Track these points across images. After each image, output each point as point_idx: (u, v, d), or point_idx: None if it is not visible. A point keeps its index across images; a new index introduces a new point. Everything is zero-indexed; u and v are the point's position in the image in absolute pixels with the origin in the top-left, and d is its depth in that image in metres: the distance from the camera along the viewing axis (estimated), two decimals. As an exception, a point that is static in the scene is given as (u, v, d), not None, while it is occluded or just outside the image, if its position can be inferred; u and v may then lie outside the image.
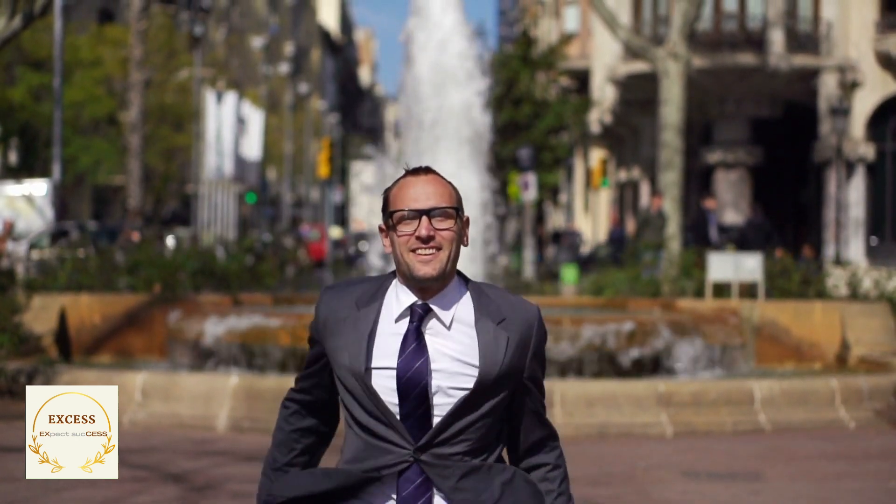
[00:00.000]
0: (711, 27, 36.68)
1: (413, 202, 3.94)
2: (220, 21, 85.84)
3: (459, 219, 3.98)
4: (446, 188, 3.98)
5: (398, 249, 3.95)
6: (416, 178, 3.98)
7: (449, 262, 3.95)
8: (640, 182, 46.00)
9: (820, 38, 36.58)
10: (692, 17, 27.01)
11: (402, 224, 3.94)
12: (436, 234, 3.92)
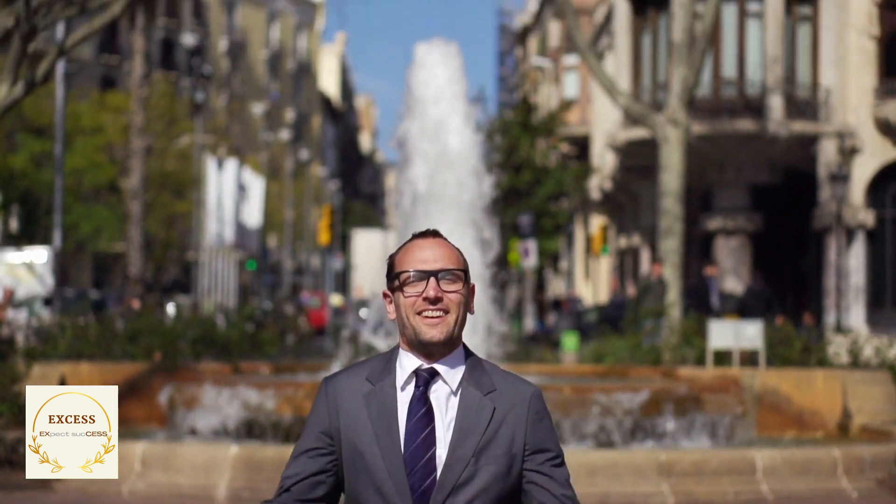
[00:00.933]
0: (711, 93, 36.81)
1: (420, 264, 3.86)
2: (222, 88, 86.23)
3: (466, 284, 3.90)
4: (453, 252, 3.91)
5: (404, 313, 3.86)
6: (423, 240, 3.91)
7: (456, 327, 3.87)
8: (641, 249, 46.02)
9: (819, 104, 36.70)
10: (691, 83, 27.11)
11: (408, 286, 3.86)
12: (443, 295, 3.84)
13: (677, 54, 27.86)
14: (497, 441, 3.83)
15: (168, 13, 78.09)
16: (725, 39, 37.02)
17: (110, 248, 58.32)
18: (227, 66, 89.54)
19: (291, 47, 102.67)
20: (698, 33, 27.65)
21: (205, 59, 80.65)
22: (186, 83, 75.16)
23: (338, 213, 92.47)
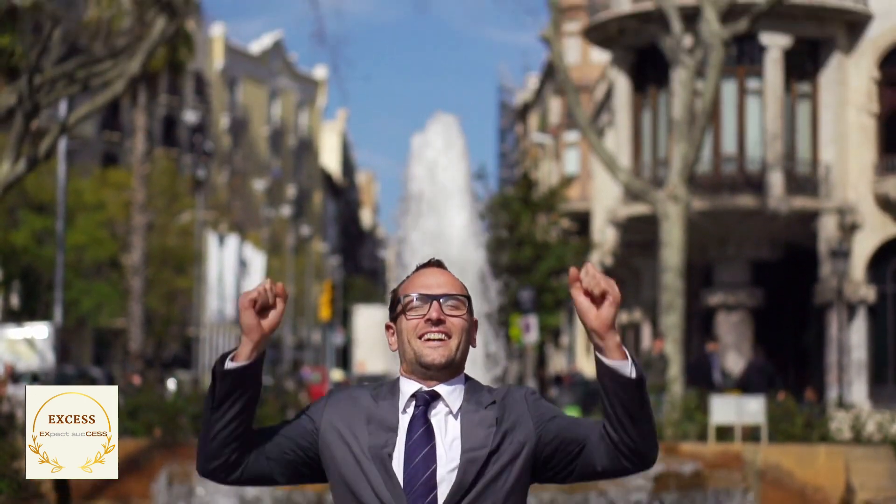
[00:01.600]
0: (711, 170, 36.92)
1: (424, 289, 3.86)
2: (223, 164, 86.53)
3: (470, 313, 3.89)
4: (457, 281, 3.92)
5: (406, 337, 3.84)
6: (427, 269, 3.93)
7: (458, 352, 3.84)
8: (642, 324, 45.98)
9: (819, 180, 36.80)
10: (692, 159, 27.21)
11: (411, 310, 3.84)
12: (446, 319, 3.82)
13: (677, 131, 27.98)
14: (505, 448, 3.80)
15: (170, 90, 78.50)
16: (725, 116, 37.18)
17: (111, 323, 58.26)
18: (228, 142, 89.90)
19: (293, 124, 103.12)
20: (698, 110, 27.78)
21: (206, 136, 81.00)
22: (188, 160, 75.43)
23: (339, 288, 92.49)
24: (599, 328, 3.87)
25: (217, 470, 3.86)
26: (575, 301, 3.93)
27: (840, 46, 36.80)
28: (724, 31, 27.57)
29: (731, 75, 36.37)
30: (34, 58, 25.17)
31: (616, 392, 3.78)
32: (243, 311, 3.83)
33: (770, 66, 36.34)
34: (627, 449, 3.78)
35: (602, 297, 3.93)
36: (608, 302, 3.93)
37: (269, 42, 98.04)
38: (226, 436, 3.82)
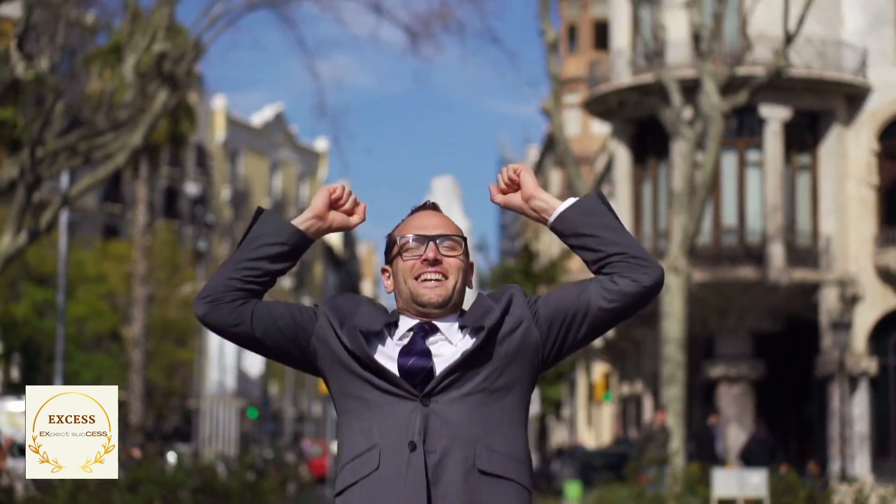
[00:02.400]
0: (711, 241, 36.95)
1: (420, 230, 3.84)
2: (224, 236, 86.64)
3: (465, 254, 3.86)
4: (452, 223, 3.89)
5: (402, 278, 3.83)
6: (422, 211, 3.91)
7: (454, 293, 3.83)
8: (643, 396, 45.83)
9: (819, 252, 36.82)
10: (692, 231, 27.24)
11: (407, 251, 3.83)
12: (443, 259, 3.80)
13: (678, 203, 28.04)
14: (507, 322, 3.78)
15: (172, 163, 78.71)
16: (725, 188, 37.26)
17: (111, 396, 58.10)
18: (229, 214, 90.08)
19: (294, 196, 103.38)
20: (698, 182, 27.85)
21: (208, 208, 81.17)
22: (189, 231, 75.55)
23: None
24: (529, 194, 3.89)
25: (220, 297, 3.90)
26: (505, 205, 3.97)
27: (839, 119, 36.95)
28: (724, 104, 27.69)
29: (730, 147, 36.48)
30: (36, 130, 25.28)
31: (582, 226, 3.82)
32: (319, 192, 3.91)
33: (770, 138, 36.47)
34: (627, 261, 3.79)
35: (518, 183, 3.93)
36: (524, 173, 3.92)
37: (270, 114, 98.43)
38: (247, 277, 3.86)
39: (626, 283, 3.78)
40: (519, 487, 3.74)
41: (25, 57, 24.57)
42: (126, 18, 31.11)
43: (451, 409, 3.70)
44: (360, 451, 3.74)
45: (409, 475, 3.66)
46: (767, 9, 32.64)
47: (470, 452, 3.69)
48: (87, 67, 43.36)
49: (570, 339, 3.84)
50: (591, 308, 3.80)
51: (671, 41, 34.48)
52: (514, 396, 3.82)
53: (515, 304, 3.81)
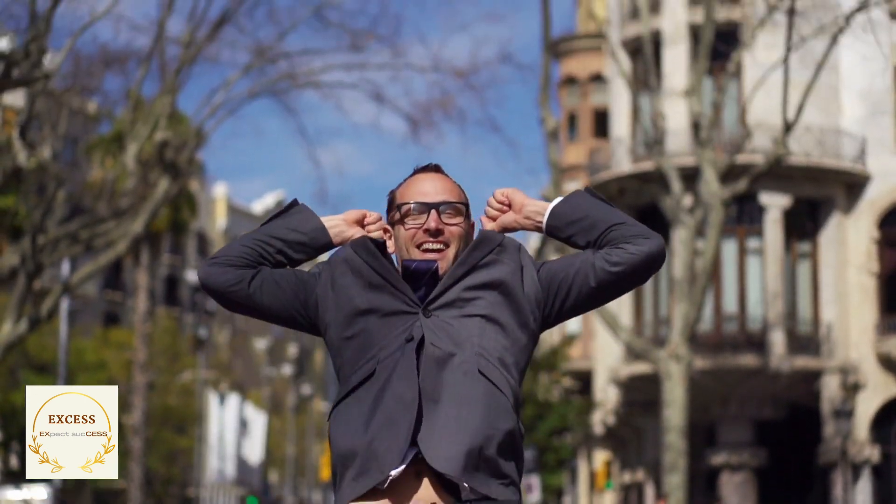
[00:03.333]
0: (712, 329, 36.90)
1: (421, 196, 3.83)
2: (224, 323, 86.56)
3: (468, 218, 3.88)
4: (455, 186, 3.89)
5: (403, 244, 3.84)
6: (425, 174, 3.89)
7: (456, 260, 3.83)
8: (645, 484, 45.56)
9: (821, 339, 36.77)
10: (693, 318, 27.23)
11: (409, 218, 3.83)
12: (444, 228, 3.80)
13: (678, 290, 28.05)
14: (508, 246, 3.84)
15: (172, 250, 78.86)
16: (726, 275, 37.27)
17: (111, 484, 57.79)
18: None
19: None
20: (699, 269, 27.87)
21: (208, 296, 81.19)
22: (190, 319, 75.53)
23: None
24: (521, 204, 3.94)
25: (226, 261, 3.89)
26: (500, 228, 3.98)
27: (839, 206, 37.04)
28: (724, 192, 27.78)
29: (731, 235, 36.54)
30: (38, 218, 25.35)
31: (575, 212, 3.87)
32: (357, 211, 3.99)
33: (770, 225, 36.54)
34: (625, 232, 3.82)
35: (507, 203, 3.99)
36: (513, 194, 3.98)
37: (271, 201, 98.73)
38: (260, 248, 3.90)
39: (629, 247, 3.80)
40: (511, 410, 3.74)
41: (28, 145, 24.69)
42: (128, 107, 31.32)
43: (453, 321, 3.73)
44: (358, 365, 3.78)
45: (405, 363, 3.68)
46: (766, 97, 32.82)
47: (471, 355, 3.71)
48: (89, 156, 43.55)
49: (571, 298, 3.86)
50: (595, 269, 3.82)
51: (671, 129, 34.66)
52: (511, 338, 3.82)
53: (518, 252, 3.87)
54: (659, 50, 37.08)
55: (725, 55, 31.15)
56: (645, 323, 38.43)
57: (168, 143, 28.89)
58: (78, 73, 31.27)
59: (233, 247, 3.90)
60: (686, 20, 36.93)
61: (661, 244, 3.83)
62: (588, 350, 56.21)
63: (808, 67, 29.52)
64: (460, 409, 3.64)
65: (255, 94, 32.95)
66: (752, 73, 34.83)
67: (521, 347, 3.84)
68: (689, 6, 36.80)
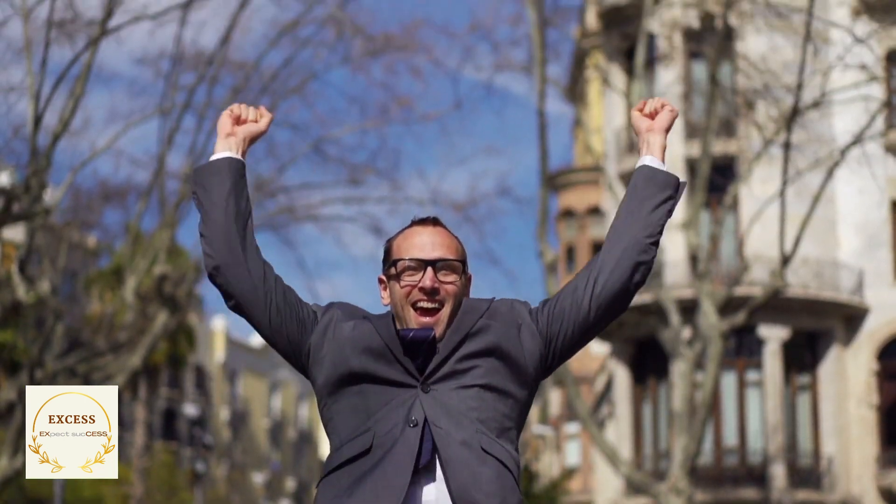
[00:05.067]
0: (712, 462, 36.69)
1: (418, 251, 3.77)
2: (222, 457, 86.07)
3: (464, 274, 3.81)
4: (452, 241, 3.83)
5: (398, 301, 3.77)
6: (422, 227, 3.84)
7: (449, 325, 3.78)
8: None
9: (822, 473, 36.55)
10: (693, 452, 27.08)
11: (405, 274, 3.77)
12: (440, 286, 3.74)
13: (678, 423, 27.93)
14: (499, 310, 3.79)
15: (170, 384, 78.61)
16: (726, 408, 37.15)
17: None
18: (228, 435, 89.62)
19: (293, 416, 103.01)
20: (698, 402, 27.79)
21: (206, 429, 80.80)
22: (188, 453, 75.09)
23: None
24: (649, 127, 3.96)
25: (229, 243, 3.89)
26: (634, 122, 4.04)
27: (838, 339, 37.04)
28: (723, 324, 27.78)
29: (730, 367, 36.47)
30: (36, 352, 25.33)
31: (647, 185, 3.87)
32: (221, 117, 3.99)
33: (769, 358, 36.50)
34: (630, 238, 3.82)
35: None
36: (669, 111, 4.03)
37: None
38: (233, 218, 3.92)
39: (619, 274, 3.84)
40: (516, 485, 3.72)
41: (27, 280, 24.74)
42: (127, 241, 31.46)
43: (451, 396, 3.69)
44: (353, 436, 3.73)
45: (402, 448, 3.64)
46: (763, 230, 32.97)
47: (472, 433, 3.68)
48: (88, 289, 43.64)
49: (572, 331, 3.87)
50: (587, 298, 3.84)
51: (669, 262, 34.78)
52: (510, 401, 3.79)
53: (512, 308, 3.84)
54: (656, 183, 37.29)
55: (722, 188, 31.40)
56: (645, 456, 38.21)
57: (167, 276, 28.95)
58: (78, 208, 31.48)
59: (218, 229, 3.92)
60: (683, 153, 37.21)
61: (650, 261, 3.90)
62: (588, 483, 55.81)
63: (804, 200, 29.70)
64: (475, 494, 3.64)
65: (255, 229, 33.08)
66: (748, 206, 35.03)
67: (521, 405, 3.84)
68: (686, 140, 37.11)
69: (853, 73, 28.93)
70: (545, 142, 30.88)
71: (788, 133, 27.26)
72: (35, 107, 23.49)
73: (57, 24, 24.37)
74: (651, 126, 3.96)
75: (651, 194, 3.86)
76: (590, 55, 42.09)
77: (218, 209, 3.89)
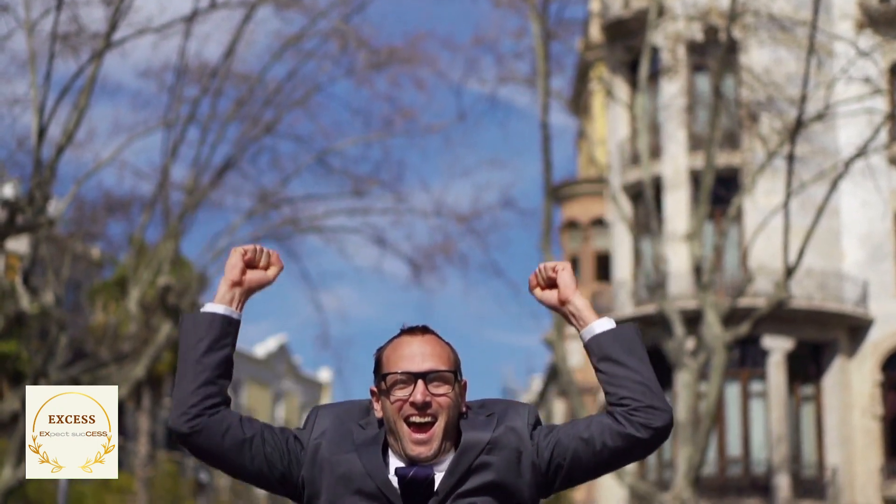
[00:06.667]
0: (716, 472, 36.67)
1: (408, 363, 3.63)
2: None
3: (458, 383, 3.67)
4: (444, 349, 3.70)
5: (390, 416, 3.63)
6: (411, 337, 3.69)
7: (444, 439, 3.63)
8: None
9: (826, 483, 36.52)
10: (697, 462, 27.08)
11: (395, 388, 3.62)
12: (432, 400, 3.60)
13: (682, 433, 27.93)
14: (502, 440, 3.65)
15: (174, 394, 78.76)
16: (729, 418, 37.12)
17: None
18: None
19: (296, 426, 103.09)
20: (702, 412, 27.79)
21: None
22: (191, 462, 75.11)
23: None
24: (565, 297, 3.80)
25: (194, 408, 3.71)
26: (540, 300, 3.86)
27: (842, 350, 37.02)
28: (726, 335, 27.79)
29: (734, 378, 36.46)
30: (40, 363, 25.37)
31: (616, 353, 3.73)
32: (232, 254, 3.79)
33: (773, 368, 36.48)
34: (642, 407, 3.67)
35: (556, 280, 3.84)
36: (562, 271, 3.84)
37: (274, 345, 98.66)
38: (208, 379, 3.74)
39: (635, 427, 3.67)
40: None
41: (31, 291, 24.78)
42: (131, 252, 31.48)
43: None
44: None
45: None
46: (767, 241, 32.98)
47: None
48: (92, 300, 43.66)
49: (573, 475, 3.73)
50: (594, 446, 3.69)
51: (672, 273, 34.78)
52: None
53: (515, 431, 3.71)
54: (660, 195, 37.34)
55: (726, 200, 31.42)
56: (648, 466, 38.19)
57: (171, 287, 28.97)
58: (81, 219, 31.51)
59: (186, 395, 3.75)
60: (686, 166, 37.24)
61: (671, 419, 3.73)
62: (592, 494, 55.78)
63: (808, 212, 29.73)
64: None
65: (258, 239, 33.10)
66: (752, 218, 35.05)
67: None
68: (690, 152, 37.13)
69: (857, 86, 28.96)
70: (549, 154, 30.90)
71: (792, 145, 27.29)
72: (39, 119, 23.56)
73: (61, 38, 24.44)
74: (564, 296, 3.84)
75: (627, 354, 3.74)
76: (593, 68, 42.13)
77: (188, 378, 3.77)
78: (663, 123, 37.85)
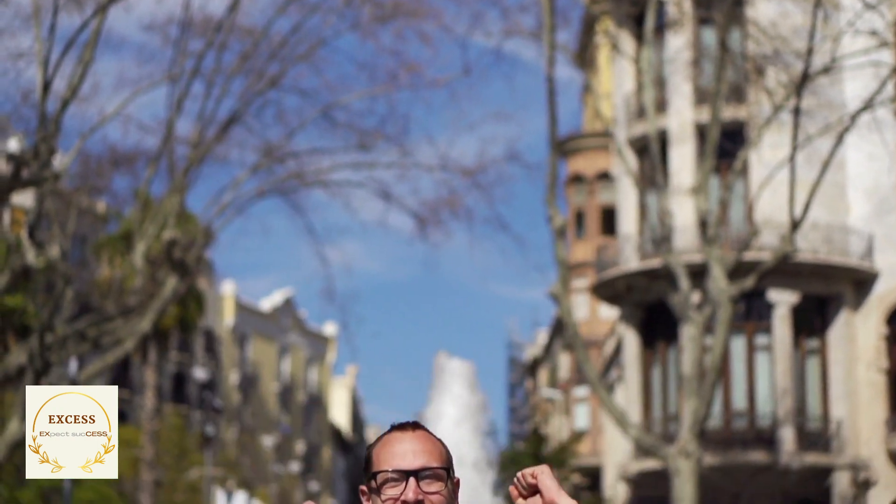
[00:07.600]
0: (721, 425, 36.77)
1: (399, 461, 3.54)
2: (232, 420, 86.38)
3: (450, 480, 3.59)
4: (436, 445, 3.61)
5: None
6: (402, 434, 3.61)
7: None
8: (655, 583, 45.21)
9: (831, 436, 36.61)
10: (702, 415, 27.16)
11: (386, 486, 3.54)
12: (425, 498, 3.52)
13: (687, 386, 28.00)
14: None
15: (180, 348, 78.81)
16: (735, 372, 37.20)
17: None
18: (238, 398, 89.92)
19: (302, 380, 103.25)
20: (707, 366, 27.85)
21: (216, 393, 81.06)
22: (197, 416, 75.35)
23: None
24: (550, 499, 3.60)
25: None
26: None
27: (847, 303, 37.03)
28: (732, 289, 27.80)
29: (739, 331, 36.51)
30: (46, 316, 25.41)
31: None
32: None
33: (778, 322, 36.51)
34: None
35: None
36: (541, 475, 3.63)
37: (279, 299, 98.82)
38: None
39: None
40: None
41: (36, 245, 24.80)
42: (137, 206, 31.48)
43: None
44: None
45: None
46: (773, 195, 32.95)
47: None
48: (98, 254, 43.69)
49: None
50: None
51: (678, 227, 34.76)
52: None
53: None
54: (665, 148, 37.30)
55: (732, 154, 31.37)
56: (654, 419, 38.29)
57: (176, 241, 29.00)
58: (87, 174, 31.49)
59: None
60: (692, 119, 37.17)
61: None
62: (597, 446, 55.94)
63: (814, 166, 29.67)
64: None
65: (264, 194, 33.12)
66: (758, 172, 35.00)
67: None
68: (695, 105, 37.06)
69: (864, 39, 28.84)
70: (554, 107, 30.86)
71: (798, 99, 27.22)
72: (44, 73, 23.52)
73: (65, -10, 24.34)
74: (549, 499, 3.64)
75: None
76: (599, 21, 41.97)
77: None
78: (669, 77, 37.75)
